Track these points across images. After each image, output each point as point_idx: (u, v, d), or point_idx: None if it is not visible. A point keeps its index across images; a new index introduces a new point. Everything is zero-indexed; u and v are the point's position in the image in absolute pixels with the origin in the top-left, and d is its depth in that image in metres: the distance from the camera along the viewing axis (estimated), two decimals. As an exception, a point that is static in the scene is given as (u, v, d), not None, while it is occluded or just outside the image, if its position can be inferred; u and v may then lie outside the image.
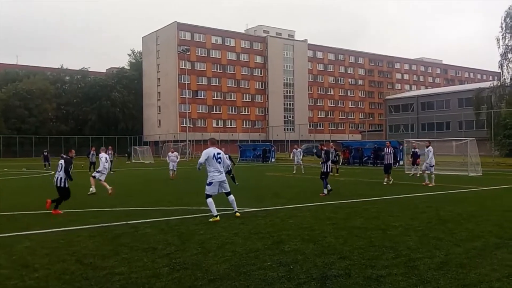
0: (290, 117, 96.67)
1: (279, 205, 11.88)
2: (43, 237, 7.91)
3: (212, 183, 9.54)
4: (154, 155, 55.34)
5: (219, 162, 9.60)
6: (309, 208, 11.44)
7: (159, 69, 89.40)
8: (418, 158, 23.25)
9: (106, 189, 14.68)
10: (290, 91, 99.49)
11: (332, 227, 8.56)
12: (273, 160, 45.45)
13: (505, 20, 50.13)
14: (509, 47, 50.45)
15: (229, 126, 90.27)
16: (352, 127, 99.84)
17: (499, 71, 53.16)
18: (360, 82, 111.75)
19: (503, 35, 50.41)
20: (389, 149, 18.90)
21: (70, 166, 11.07)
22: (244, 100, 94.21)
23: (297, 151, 27.94)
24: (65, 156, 11.25)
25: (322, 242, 7.21)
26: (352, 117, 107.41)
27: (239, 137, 68.44)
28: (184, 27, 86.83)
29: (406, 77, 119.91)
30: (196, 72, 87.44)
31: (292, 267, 5.76)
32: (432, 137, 39.18)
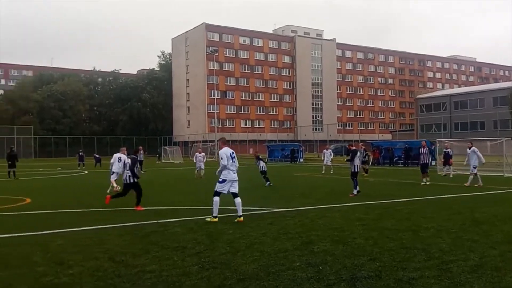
0: (318, 117, 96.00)
1: (308, 205, 11.80)
2: (76, 235, 8.11)
3: (226, 181, 9.58)
4: (184, 155, 56.00)
5: (233, 161, 9.73)
6: (338, 208, 11.33)
7: (188, 70, 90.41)
8: (451, 159, 22.87)
9: (112, 186, 14.26)
10: (318, 90, 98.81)
11: (362, 228, 8.44)
12: (302, 160, 45.24)
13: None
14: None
15: (257, 126, 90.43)
16: (382, 127, 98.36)
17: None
18: (390, 81, 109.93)
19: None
20: (425, 148, 18.77)
21: (136, 164, 11.66)
22: (272, 100, 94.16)
23: (328, 151, 27.95)
24: (131, 155, 11.85)
25: (352, 243, 7.12)
26: (382, 117, 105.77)
27: (267, 137, 68.45)
28: (212, 28, 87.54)
29: (438, 75, 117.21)
30: (224, 73, 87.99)
31: (321, 268, 5.70)
32: (466, 137, 38.12)
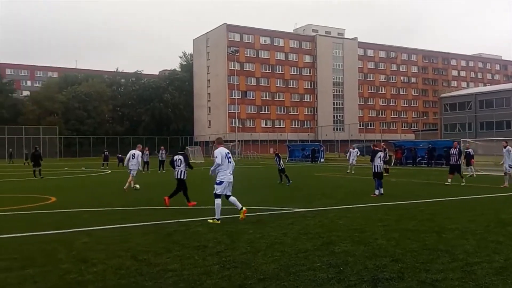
0: (339, 116, 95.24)
1: (329, 205, 11.73)
2: (100, 233, 8.25)
3: (223, 182, 9.51)
4: (204, 155, 56.38)
5: (229, 162, 9.65)
6: (359, 209, 11.23)
7: (209, 70, 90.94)
8: (472, 159, 22.52)
9: (127, 182, 16.38)
10: (339, 90, 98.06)
11: (384, 229, 8.34)
12: (322, 160, 44.98)
13: None
14: None
15: (278, 126, 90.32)
16: (404, 127, 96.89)
17: None
18: (413, 80, 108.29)
19: None
20: (456, 149, 18.50)
21: (188, 159, 12.96)
22: (293, 100, 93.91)
23: (354, 151, 27.77)
24: (182, 152, 12.92)
25: (373, 244, 7.05)
26: (405, 116, 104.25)
27: (287, 137, 68.30)
28: (233, 28, 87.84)
29: (463, 74, 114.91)
30: (245, 73, 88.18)
31: (342, 268, 5.67)
32: (491, 136, 37.33)
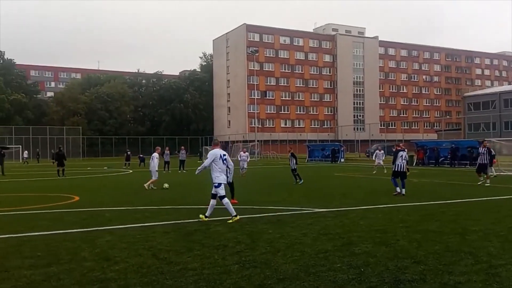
0: (360, 116, 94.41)
1: (349, 206, 11.65)
2: (122, 232, 8.38)
3: (221, 184, 9.60)
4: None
5: (225, 163, 9.77)
6: (381, 209, 11.11)
7: (229, 70, 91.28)
8: (494, 159, 22.06)
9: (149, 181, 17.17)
10: (360, 89, 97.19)
11: (406, 230, 8.24)
12: (342, 160, 44.68)
13: None
14: None
15: (298, 126, 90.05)
16: (427, 126, 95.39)
17: None
18: (436, 78, 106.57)
19: None
20: (485, 148, 18.18)
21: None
22: (313, 99, 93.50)
23: (380, 152, 27.45)
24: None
25: (394, 245, 6.97)
26: (427, 116, 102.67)
27: (307, 137, 67.98)
28: (253, 28, 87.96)
29: (487, 72, 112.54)
30: (264, 73, 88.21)
31: (363, 269, 5.63)
32: (517, 136, 36.39)
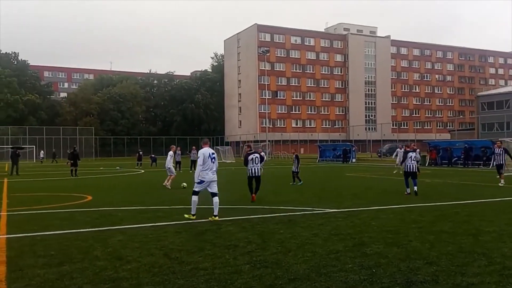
0: (371, 116, 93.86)
1: (361, 206, 11.59)
2: (134, 231, 8.43)
3: (204, 182, 9.86)
4: (235, 155, 56.71)
5: (213, 162, 9.98)
6: (392, 210, 11.04)
7: (240, 70, 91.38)
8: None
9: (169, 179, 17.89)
10: (371, 89, 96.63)
11: (418, 230, 8.17)
12: (354, 160, 44.45)
13: None
14: None
15: (309, 126, 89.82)
16: (439, 126, 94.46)
17: None
18: (449, 78, 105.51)
19: None
20: (500, 149, 17.98)
21: (264, 161, 14.31)
22: (324, 99, 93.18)
23: (401, 151, 25.71)
24: (255, 152, 13.81)
25: (407, 246, 6.92)
26: (440, 115, 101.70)
27: (318, 137, 67.71)
28: (264, 28, 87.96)
29: (501, 71, 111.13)
30: (275, 73, 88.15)
31: (374, 270, 5.59)
32: (532, 136, 35.84)
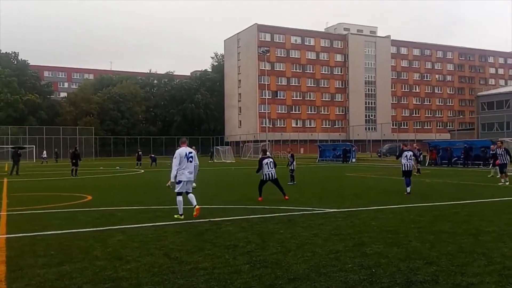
0: (371, 116, 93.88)
1: (361, 206, 11.59)
2: (134, 231, 8.43)
3: (182, 181, 9.90)
4: (235, 155, 56.72)
5: (190, 161, 9.99)
6: (392, 210, 11.03)
7: (240, 70, 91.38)
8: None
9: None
10: (371, 89, 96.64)
11: (418, 230, 8.17)
12: (354, 160, 44.44)
13: None
14: None
15: (309, 126, 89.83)
16: (439, 126, 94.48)
17: None
18: (449, 78, 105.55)
19: None
20: (501, 149, 18.28)
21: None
22: (324, 99, 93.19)
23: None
24: (269, 156, 13.62)
25: (406, 246, 6.92)
26: (440, 115, 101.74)
27: (318, 137, 67.74)
28: (264, 28, 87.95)
29: (501, 71, 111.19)
30: (275, 73, 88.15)
31: (374, 270, 5.59)
32: (532, 136, 35.83)
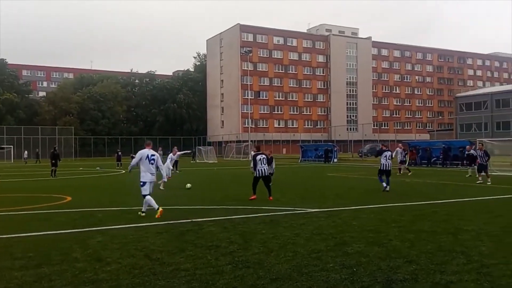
0: (353, 116, 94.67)
1: (342, 206, 11.67)
2: (114, 232, 8.32)
3: (146, 182, 10.01)
4: (218, 155, 56.53)
5: (152, 164, 10.07)
6: (373, 210, 11.14)
7: (222, 70, 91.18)
8: (476, 159, 22.32)
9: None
10: (353, 90, 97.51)
11: (398, 230, 8.27)
12: (336, 160, 44.75)
13: None
14: None
15: (291, 126, 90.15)
16: (419, 127, 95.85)
17: None
18: (428, 79, 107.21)
19: None
20: (482, 151, 19.02)
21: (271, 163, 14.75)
22: (306, 100, 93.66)
23: (400, 150, 24.48)
24: (262, 152, 13.66)
25: (387, 245, 6.99)
26: (420, 116, 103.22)
27: (300, 137, 68.05)
28: (246, 28, 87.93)
29: (479, 73, 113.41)
30: (258, 73, 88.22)
31: (355, 269, 5.64)
32: (508, 136, 36.73)
